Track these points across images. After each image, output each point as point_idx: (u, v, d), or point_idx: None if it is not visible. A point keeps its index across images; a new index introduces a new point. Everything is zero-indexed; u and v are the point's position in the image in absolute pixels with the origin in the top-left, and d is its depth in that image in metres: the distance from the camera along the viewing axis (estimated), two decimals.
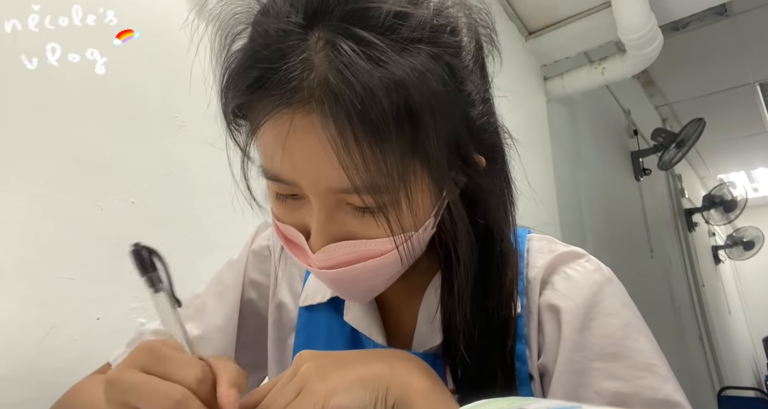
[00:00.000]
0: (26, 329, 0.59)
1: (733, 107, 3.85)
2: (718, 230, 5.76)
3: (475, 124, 0.38)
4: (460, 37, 0.36)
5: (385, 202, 0.34)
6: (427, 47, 0.32)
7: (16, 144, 0.62)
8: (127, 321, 0.69)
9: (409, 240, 0.36)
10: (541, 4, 1.98)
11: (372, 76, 0.30)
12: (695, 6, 1.95)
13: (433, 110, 0.31)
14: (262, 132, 0.35)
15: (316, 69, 0.31)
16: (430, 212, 0.38)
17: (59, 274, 0.63)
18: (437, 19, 0.34)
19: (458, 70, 0.34)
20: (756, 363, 6.09)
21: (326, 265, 0.37)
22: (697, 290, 4.14)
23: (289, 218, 0.39)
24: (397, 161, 0.32)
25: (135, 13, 0.78)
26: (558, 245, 0.48)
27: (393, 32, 0.31)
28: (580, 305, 0.41)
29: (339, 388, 0.32)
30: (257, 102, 0.34)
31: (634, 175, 3.34)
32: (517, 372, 0.42)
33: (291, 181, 0.35)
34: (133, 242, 0.37)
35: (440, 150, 0.33)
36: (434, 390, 0.34)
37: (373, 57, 0.30)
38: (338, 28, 0.31)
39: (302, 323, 0.52)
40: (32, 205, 0.62)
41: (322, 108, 0.31)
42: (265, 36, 0.33)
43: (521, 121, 1.87)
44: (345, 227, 0.36)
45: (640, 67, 2.04)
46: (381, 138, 0.31)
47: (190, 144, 0.82)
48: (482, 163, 0.39)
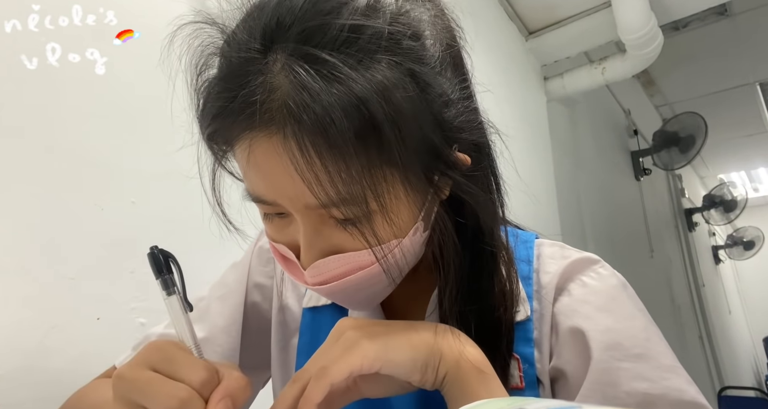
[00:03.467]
0: (26, 329, 0.59)
1: (733, 107, 3.85)
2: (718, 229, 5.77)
3: (451, 124, 0.37)
4: (421, 41, 0.36)
5: (360, 215, 0.34)
6: (387, 56, 0.32)
7: (16, 144, 0.62)
8: (127, 321, 0.69)
9: (397, 247, 0.36)
10: (541, 4, 1.98)
11: (329, 95, 0.30)
12: (695, 6, 1.95)
13: (396, 120, 0.31)
14: (236, 155, 0.36)
15: (276, 91, 0.31)
16: (415, 216, 0.38)
17: (59, 274, 0.63)
18: (393, 26, 0.34)
19: (422, 74, 0.34)
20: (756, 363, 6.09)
21: (318, 281, 0.38)
22: (697, 290, 4.14)
23: (280, 236, 0.39)
24: (364, 173, 0.32)
25: (135, 13, 0.78)
26: (570, 250, 0.48)
27: (349, 47, 0.32)
28: (598, 307, 0.42)
29: (389, 346, 0.34)
30: (225, 129, 0.35)
31: (634, 175, 3.34)
32: (523, 375, 0.42)
33: (272, 201, 0.35)
34: (151, 244, 0.38)
35: (410, 157, 0.33)
36: (485, 364, 0.35)
37: (328, 76, 0.30)
38: (293, 49, 0.31)
39: (306, 324, 0.52)
40: (32, 205, 0.62)
41: (284, 129, 0.31)
42: (229, 65, 0.34)
43: (521, 121, 1.87)
44: (332, 240, 0.36)
45: (640, 67, 2.05)
46: (343, 153, 0.31)
47: (190, 144, 0.82)
48: (466, 161, 0.39)
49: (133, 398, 0.30)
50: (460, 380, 0.35)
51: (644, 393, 0.37)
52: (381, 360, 0.33)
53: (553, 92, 2.22)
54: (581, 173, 2.38)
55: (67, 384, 0.51)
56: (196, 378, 0.30)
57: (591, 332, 0.40)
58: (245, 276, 0.56)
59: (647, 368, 0.38)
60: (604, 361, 0.39)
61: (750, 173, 5.77)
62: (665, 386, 0.37)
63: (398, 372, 0.35)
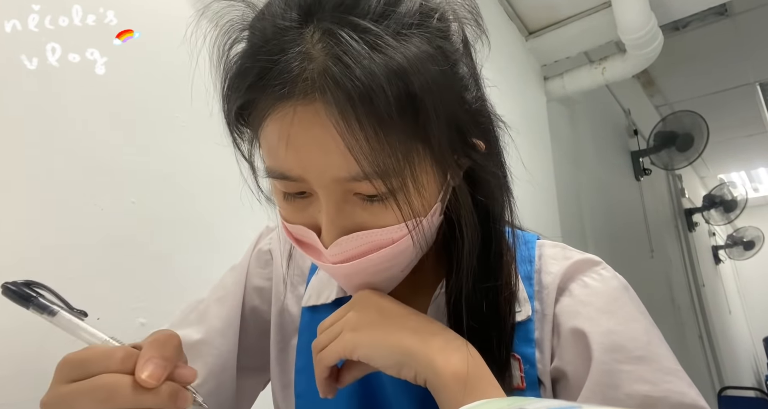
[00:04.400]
0: (26, 329, 0.59)
1: (733, 107, 3.85)
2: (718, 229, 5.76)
3: (471, 107, 0.38)
4: (447, 23, 0.37)
5: (393, 187, 0.34)
6: (419, 31, 0.33)
7: (16, 144, 0.62)
8: (127, 321, 0.69)
9: (419, 224, 0.36)
10: (541, 4, 1.98)
11: (372, 61, 0.30)
12: (695, 6, 1.95)
13: (432, 93, 0.32)
14: (265, 129, 0.35)
15: (315, 60, 0.31)
16: (437, 195, 0.38)
17: (59, 274, 0.63)
18: (425, 4, 0.35)
19: (450, 53, 0.35)
20: (756, 363, 6.09)
21: (340, 259, 0.37)
22: (697, 290, 4.14)
23: (298, 217, 0.39)
24: (401, 144, 0.32)
25: (135, 13, 0.78)
26: (572, 252, 0.48)
27: (386, 19, 0.32)
28: (601, 309, 0.42)
29: (367, 341, 0.36)
30: (259, 98, 0.34)
31: (634, 175, 3.34)
32: (525, 376, 0.42)
33: (297, 176, 0.35)
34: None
35: (442, 132, 0.34)
36: (475, 375, 0.35)
37: (371, 43, 0.30)
38: (333, 18, 0.32)
39: (305, 324, 0.52)
40: (32, 205, 0.62)
41: (324, 96, 0.31)
42: (263, 36, 0.34)
43: (521, 120, 1.87)
44: (354, 218, 0.36)
45: (640, 66, 2.05)
46: (384, 121, 0.31)
47: (191, 144, 0.82)
48: (481, 147, 0.40)
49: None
50: (440, 389, 0.34)
51: (645, 395, 0.37)
52: (358, 352, 0.37)
53: (553, 92, 2.22)
54: (581, 173, 2.38)
55: None
56: (112, 362, 0.30)
57: (592, 333, 0.40)
58: (243, 278, 0.56)
59: (648, 371, 0.38)
60: (605, 363, 0.39)
61: (750, 173, 5.77)
62: (666, 389, 0.37)
63: (374, 364, 0.37)
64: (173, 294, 0.75)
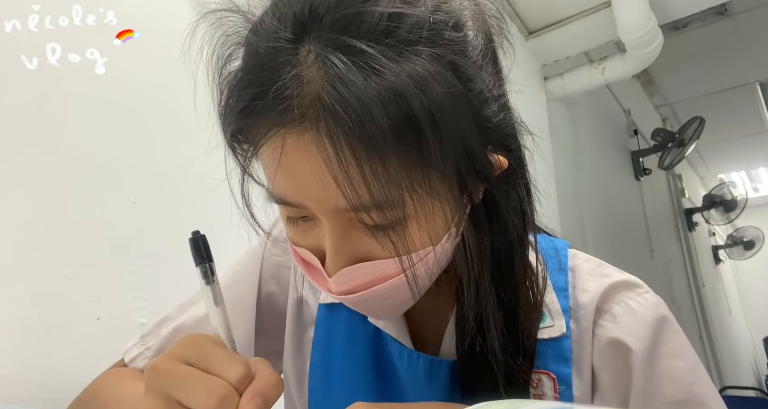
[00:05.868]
0: (26, 329, 0.59)
1: (733, 107, 3.84)
2: (718, 229, 5.76)
3: (490, 122, 0.35)
4: (464, 32, 0.33)
5: (393, 220, 0.32)
6: (428, 48, 0.30)
7: (16, 144, 0.62)
8: (127, 321, 0.69)
9: (431, 254, 0.34)
10: (541, 4, 1.98)
11: (367, 89, 0.28)
12: (695, 6, 1.95)
13: (436, 117, 0.29)
14: (262, 153, 0.33)
15: (309, 85, 0.29)
16: (449, 223, 0.35)
17: (59, 274, 0.63)
18: (436, 15, 0.31)
19: (464, 68, 0.32)
20: (756, 363, 6.08)
21: (344, 289, 0.36)
22: (697, 290, 4.14)
23: (303, 240, 0.37)
24: (402, 174, 0.30)
25: (135, 13, 0.78)
26: (610, 269, 0.45)
27: (388, 36, 0.29)
28: (648, 347, 0.40)
29: None
30: (252, 125, 0.33)
31: (634, 174, 3.33)
32: (559, 397, 0.41)
33: (297, 203, 0.33)
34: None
35: (449, 157, 0.31)
36: None
37: (366, 67, 0.28)
38: (328, 39, 0.29)
39: (321, 318, 0.51)
40: (32, 205, 0.62)
41: (317, 127, 0.29)
42: (256, 56, 0.32)
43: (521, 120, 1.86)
44: (360, 247, 0.34)
45: (640, 66, 2.04)
46: (381, 153, 0.29)
47: (191, 144, 0.82)
48: (503, 164, 0.37)
49: (168, 392, 0.29)
50: None
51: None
52: None
53: (553, 92, 2.22)
54: (581, 173, 2.38)
55: (67, 384, 0.51)
56: (234, 374, 0.29)
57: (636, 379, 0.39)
58: (258, 265, 0.54)
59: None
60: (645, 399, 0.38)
61: (750, 173, 5.77)
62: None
63: None
64: (173, 294, 0.75)
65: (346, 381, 0.47)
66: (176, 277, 0.76)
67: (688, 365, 0.39)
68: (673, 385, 0.38)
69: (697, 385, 0.39)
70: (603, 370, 0.41)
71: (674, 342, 0.40)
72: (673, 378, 0.39)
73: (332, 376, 0.48)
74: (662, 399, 0.38)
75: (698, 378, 0.39)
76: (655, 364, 0.39)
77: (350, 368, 0.48)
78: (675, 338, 0.41)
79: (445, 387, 0.43)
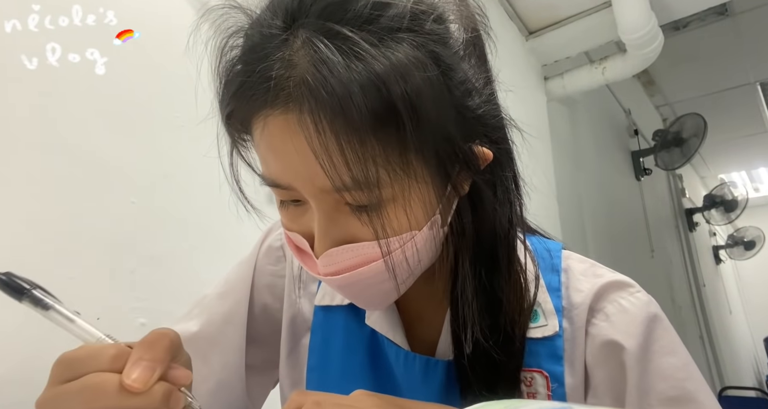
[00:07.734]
0: (26, 329, 0.59)
1: (733, 107, 3.84)
2: (718, 229, 5.76)
3: (473, 113, 0.36)
4: (445, 25, 0.35)
5: (373, 201, 0.33)
6: (409, 36, 0.32)
7: (16, 144, 0.62)
8: (127, 321, 0.69)
9: (411, 241, 0.35)
10: (541, 4, 1.98)
11: (348, 71, 0.29)
12: (695, 6, 1.95)
13: (414, 100, 0.31)
14: (255, 137, 0.35)
15: (295, 68, 0.31)
16: (433, 209, 0.36)
17: (59, 274, 0.63)
18: (418, 6, 0.33)
19: (444, 57, 0.33)
20: (757, 363, 6.08)
21: (330, 271, 0.36)
22: (697, 290, 4.13)
23: (295, 225, 0.38)
24: (381, 154, 0.31)
25: (135, 13, 0.78)
26: (603, 269, 0.46)
27: (371, 24, 0.31)
28: (640, 344, 0.40)
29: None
30: (243, 107, 0.34)
31: (635, 175, 3.33)
32: (552, 394, 0.41)
33: (287, 184, 0.34)
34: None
35: (427, 142, 0.32)
36: None
37: (347, 51, 0.30)
38: (315, 25, 0.31)
39: (318, 323, 0.51)
40: (32, 205, 0.62)
41: (300, 106, 0.31)
42: (251, 44, 0.34)
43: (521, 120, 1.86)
44: (347, 229, 0.35)
45: (640, 66, 2.04)
46: (359, 133, 0.30)
47: (190, 144, 0.82)
48: (488, 156, 0.38)
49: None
50: None
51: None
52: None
53: (554, 92, 2.22)
54: (581, 173, 2.38)
55: None
56: (102, 361, 0.29)
57: (630, 376, 0.39)
58: (250, 275, 0.55)
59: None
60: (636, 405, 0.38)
61: (751, 173, 5.77)
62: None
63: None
64: (173, 294, 0.75)
65: (344, 384, 0.47)
66: (176, 277, 0.76)
67: (680, 362, 0.40)
68: (665, 382, 0.39)
69: (689, 381, 0.39)
70: (596, 368, 0.42)
71: (666, 340, 0.41)
72: (665, 375, 0.39)
73: (329, 380, 0.48)
74: (655, 396, 0.38)
75: (690, 375, 0.39)
76: (648, 361, 0.40)
77: (347, 372, 0.48)
78: (667, 335, 0.41)
79: (441, 387, 0.43)
